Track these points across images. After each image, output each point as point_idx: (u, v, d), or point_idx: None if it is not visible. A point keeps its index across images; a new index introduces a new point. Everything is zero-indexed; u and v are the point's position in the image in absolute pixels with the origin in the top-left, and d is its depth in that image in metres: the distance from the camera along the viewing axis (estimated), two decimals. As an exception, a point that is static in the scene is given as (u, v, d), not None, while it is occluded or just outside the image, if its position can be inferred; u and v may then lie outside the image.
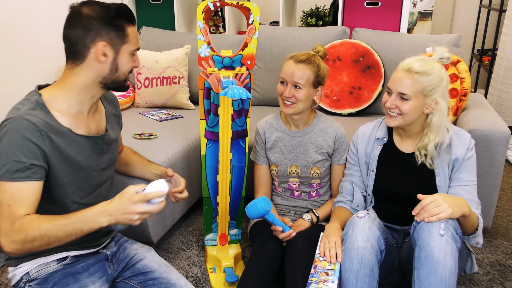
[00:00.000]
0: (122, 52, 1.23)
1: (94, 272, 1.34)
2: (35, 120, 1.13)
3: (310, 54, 1.63)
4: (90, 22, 1.17)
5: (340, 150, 1.74)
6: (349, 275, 1.33)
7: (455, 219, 1.33)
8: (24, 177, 1.11)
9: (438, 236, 1.27)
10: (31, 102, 1.17)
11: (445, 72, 1.48)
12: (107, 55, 1.20)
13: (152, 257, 1.45)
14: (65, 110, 1.22)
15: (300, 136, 1.74)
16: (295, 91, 1.61)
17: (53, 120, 1.18)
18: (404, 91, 1.45)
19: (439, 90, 1.45)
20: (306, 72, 1.60)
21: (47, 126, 1.15)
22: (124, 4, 1.25)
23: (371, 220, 1.42)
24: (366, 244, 1.34)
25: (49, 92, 1.22)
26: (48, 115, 1.18)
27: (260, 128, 1.80)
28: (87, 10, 1.18)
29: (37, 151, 1.12)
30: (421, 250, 1.28)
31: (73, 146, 1.22)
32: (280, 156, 1.76)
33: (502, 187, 2.63)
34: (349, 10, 2.84)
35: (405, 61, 1.49)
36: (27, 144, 1.11)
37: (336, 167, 1.77)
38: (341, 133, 1.73)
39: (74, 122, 1.23)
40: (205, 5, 1.56)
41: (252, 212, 1.52)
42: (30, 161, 1.11)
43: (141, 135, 2.13)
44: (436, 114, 1.47)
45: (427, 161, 1.52)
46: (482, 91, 4.05)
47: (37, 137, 1.12)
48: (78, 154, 1.24)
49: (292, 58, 1.63)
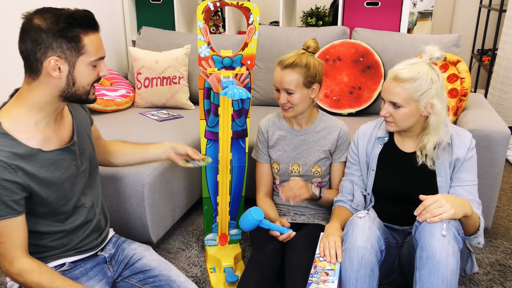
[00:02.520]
0: (78, 65, 1.14)
1: (93, 276, 1.33)
2: (2, 156, 1.08)
3: (297, 55, 1.60)
4: (40, 35, 1.08)
5: (341, 147, 1.74)
6: (349, 275, 1.33)
7: (457, 220, 1.33)
8: (6, 214, 1.11)
9: (440, 237, 1.26)
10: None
11: (437, 73, 1.46)
12: (61, 69, 1.12)
13: (151, 256, 1.45)
14: (32, 128, 1.16)
15: (303, 135, 1.74)
16: (288, 97, 1.61)
17: (20, 146, 1.12)
18: (394, 100, 1.45)
19: (431, 92, 1.43)
20: (293, 76, 1.58)
21: (15, 158, 1.10)
22: (81, 10, 1.13)
23: (371, 220, 1.42)
24: (366, 244, 1.34)
25: (9, 115, 1.14)
26: (13, 142, 1.11)
27: (262, 126, 1.80)
28: (37, 21, 1.08)
29: (12, 186, 1.10)
30: (423, 251, 1.28)
31: (47, 165, 1.19)
32: (282, 154, 1.76)
33: (502, 187, 2.63)
34: (349, 10, 2.84)
35: (393, 69, 1.48)
36: (2, 184, 1.08)
37: (336, 165, 1.77)
38: (344, 131, 1.74)
39: (44, 138, 1.18)
40: (205, 5, 1.56)
41: (245, 224, 1.52)
42: (8, 197, 1.10)
43: (189, 162, 1.64)
44: (432, 116, 1.47)
45: (427, 161, 1.52)
46: (482, 91, 4.05)
47: (8, 173, 1.09)
48: (55, 171, 1.21)
49: (279, 64, 1.61)
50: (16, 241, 1.15)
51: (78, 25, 1.11)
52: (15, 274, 1.16)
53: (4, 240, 1.14)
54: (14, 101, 1.17)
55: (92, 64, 1.17)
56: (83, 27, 1.12)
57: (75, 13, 1.11)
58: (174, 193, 2.02)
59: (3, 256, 1.15)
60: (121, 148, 1.60)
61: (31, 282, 1.16)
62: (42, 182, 1.18)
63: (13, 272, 1.16)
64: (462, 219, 1.34)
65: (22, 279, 1.16)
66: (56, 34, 1.09)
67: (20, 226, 1.16)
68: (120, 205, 1.82)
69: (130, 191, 1.79)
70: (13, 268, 1.16)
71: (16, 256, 1.16)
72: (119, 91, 2.65)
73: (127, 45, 3.27)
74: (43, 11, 1.11)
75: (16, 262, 1.16)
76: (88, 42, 1.13)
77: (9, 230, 1.14)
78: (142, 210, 1.80)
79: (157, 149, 1.61)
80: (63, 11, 1.11)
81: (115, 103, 2.59)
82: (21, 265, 1.16)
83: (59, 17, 1.09)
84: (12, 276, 1.17)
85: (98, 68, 1.20)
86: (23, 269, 1.16)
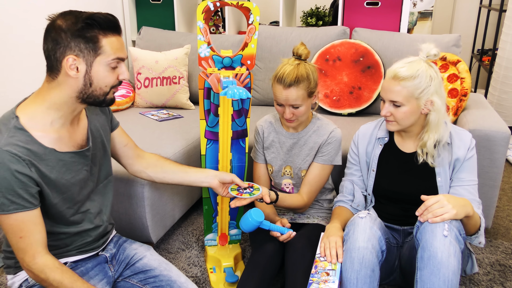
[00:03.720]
0: (96, 65, 1.15)
1: (94, 276, 1.33)
2: (16, 150, 1.10)
3: (295, 68, 1.54)
4: (59, 34, 1.11)
5: (324, 148, 1.68)
6: (350, 275, 1.33)
7: (458, 220, 1.33)
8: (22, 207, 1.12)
9: (441, 237, 1.26)
10: (9, 128, 1.12)
11: (435, 70, 1.46)
12: (78, 69, 1.14)
13: (152, 256, 1.46)
14: (48, 127, 1.17)
15: (295, 138, 1.72)
16: (294, 111, 1.59)
17: (35, 144, 1.14)
18: (394, 98, 1.45)
19: (430, 89, 1.44)
20: (299, 92, 1.54)
21: (30, 154, 1.12)
22: (102, 13, 1.15)
23: (372, 220, 1.42)
24: (367, 245, 1.34)
25: (27, 111, 1.16)
26: (29, 139, 1.13)
27: (259, 127, 1.79)
28: (59, 22, 1.12)
29: (26, 179, 1.12)
30: (424, 251, 1.28)
31: (59, 167, 1.20)
32: (275, 157, 1.76)
33: (502, 187, 2.63)
34: (349, 10, 2.84)
35: (392, 68, 1.48)
36: (16, 176, 1.10)
37: (313, 165, 1.71)
38: (333, 135, 1.68)
39: (58, 138, 1.19)
40: (205, 5, 1.56)
41: (245, 226, 1.51)
42: (23, 190, 1.11)
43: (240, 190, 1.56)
44: (433, 113, 1.47)
45: (428, 159, 1.52)
46: (482, 91, 4.05)
47: (22, 166, 1.10)
48: (66, 173, 1.21)
49: (280, 83, 1.54)
50: (37, 236, 1.15)
51: (97, 26, 1.13)
52: (37, 270, 1.15)
53: (24, 234, 1.13)
54: (33, 98, 1.20)
55: (111, 66, 1.17)
56: (102, 29, 1.14)
57: (95, 15, 1.13)
58: (174, 193, 2.02)
59: (24, 252, 1.15)
60: (162, 163, 1.56)
61: (52, 279, 1.15)
62: (51, 183, 1.18)
63: (35, 268, 1.15)
64: (464, 219, 1.34)
65: (44, 275, 1.15)
66: (75, 33, 1.11)
67: (38, 220, 1.16)
68: (120, 205, 1.82)
69: (130, 191, 1.79)
70: (36, 264, 1.15)
71: (38, 251, 1.16)
72: (119, 91, 2.65)
73: (127, 45, 3.27)
74: (66, 13, 1.14)
75: (39, 257, 1.15)
76: (107, 43, 1.15)
77: (28, 225, 1.14)
78: (142, 210, 1.80)
79: (199, 174, 1.57)
80: (84, 13, 1.14)
81: (115, 103, 2.57)
82: (44, 261, 1.16)
83: (79, 18, 1.12)
84: (33, 272, 1.16)
85: (117, 71, 1.20)
86: (46, 265, 1.16)
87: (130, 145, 1.52)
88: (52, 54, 1.13)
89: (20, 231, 1.13)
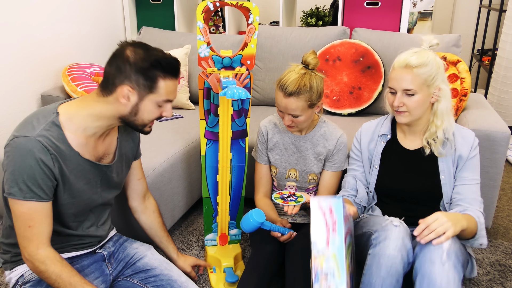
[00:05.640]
0: (146, 100, 1.23)
1: (89, 273, 1.34)
2: (47, 143, 1.16)
3: (299, 77, 1.51)
4: (125, 65, 1.19)
5: (335, 156, 1.70)
6: (375, 280, 1.31)
7: (457, 245, 1.32)
8: (38, 197, 1.15)
9: (440, 264, 1.26)
10: (47, 122, 1.19)
11: (439, 58, 1.50)
12: (129, 99, 1.21)
13: (153, 255, 1.46)
14: (80, 132, 1.23)
15: (301, 141, 1.72)
16: (293, 119, 1.58)
17: (64, 143, 1.20)
18: (408, 86, 1.45)
19: (439, 76, 1.46)
20: (299, 103, 1.52)
21: (57, 151, 1.18)
22: (169, 58, 1.23)
23: (405, 230, 1.38)
24: (397, 254, 1.31)
25: (68, 111, 1.23)
26: (61, 137, 1.19)
27: (263, 128, 1.78)
28: (128, 53, 1.19)
29: (48, 171, 1.16)
30: (423, 278, 1.27)
31: (77, 171, 1.24)
32: (280, 158, 1.75)
33: (502, 187, 2.63)
34: (349, 10, 2.84)
35: (400, 58, 1.49)
36: (41, 166, 1.14)
37: (327, 173, 1.72)
38: (341, 141, 1.69)
39: (85, 145, 1.25)
40: (205, 5, 1.56)
41: (246, 226, 1.51)
42: (43, 181, 1.15)
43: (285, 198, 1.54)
44: (441, 100, 1.49)
45: (436, 150, 1.51)
46: (482, 91, 4.05)
47: (48, 160, 1.15)
48: (80, 178, 1.26)
49: (281, 90, 1.53)
50: (44, 228, 1.18)
51: (160, 68, 1.21)
52: (38, 260, 1.17)
53: (33, 224, 1.16)
54: (78, 101, 1.26)
55: (159, 104, 1.25)
56: (164, 71, 1.21)
57: (163, 59, 1.21)
58: (174, 193, 2.02)
59: (29, 240, 1.17)
60: (154, 219, 1.62)
61: (52, 271, 1.18)
62: (67, 183, 1.22)
63: (37, 258, 1.17)
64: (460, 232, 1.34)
65: (44, 267, 1.17)
66: (139, 70, 1.19)
67: (48, 213, 1.19)
68: (120, 204, 1.82)
69: (130, 191, 1.79)
70: (38, 254, 1.17)
71: (43, 242, 1.18)
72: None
73: (127, 45, 3.27)
74: (137, 45, 1.22)
75: (43, 248, 1.18)
76: (163, 85, 1.23)
77: (39, 216, 1.17)
78: (142, 210, 1.80)
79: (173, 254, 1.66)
80: (153, 53, 1.20)
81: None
82: (47, 253, 1.18)
83: (148, 57, 1.19)
84: (33, 263, 1.18)
85: (163, 109, 1.28)
86: (48, 257, 1.18)
87: (142, 181, 1.58)
88: (111, 78, 1.21)
89: (30, 220, 1.16)
